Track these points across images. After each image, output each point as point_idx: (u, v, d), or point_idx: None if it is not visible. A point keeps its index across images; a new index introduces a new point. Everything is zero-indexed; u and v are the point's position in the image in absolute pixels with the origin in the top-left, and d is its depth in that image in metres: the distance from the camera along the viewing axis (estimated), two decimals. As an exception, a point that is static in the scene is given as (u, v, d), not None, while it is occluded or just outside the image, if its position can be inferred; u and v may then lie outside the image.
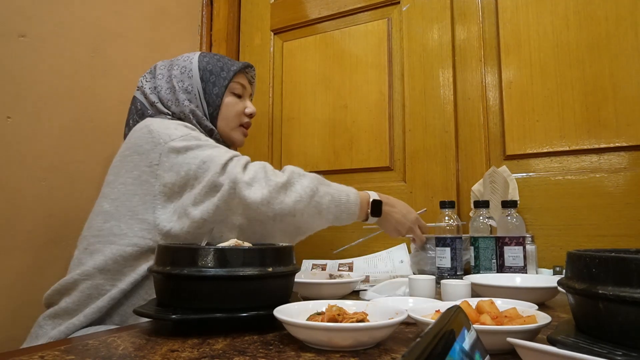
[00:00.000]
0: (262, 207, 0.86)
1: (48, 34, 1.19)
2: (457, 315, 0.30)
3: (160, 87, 1.04)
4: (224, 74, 1.07)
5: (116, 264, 0.87)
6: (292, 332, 0.54)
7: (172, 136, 0.91)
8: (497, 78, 1.34)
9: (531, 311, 0.56)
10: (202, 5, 1.73)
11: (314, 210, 0.92)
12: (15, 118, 1.11)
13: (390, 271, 1.26)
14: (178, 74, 1.05)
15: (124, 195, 0.91)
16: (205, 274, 0.61)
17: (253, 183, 0.87)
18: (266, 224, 0.89)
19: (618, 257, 0.42)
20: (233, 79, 1.09)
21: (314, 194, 0.92)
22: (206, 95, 1.06)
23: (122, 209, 0.90)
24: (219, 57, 1.11)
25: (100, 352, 0.51)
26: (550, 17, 1.27)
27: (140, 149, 0.92)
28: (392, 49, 1.50)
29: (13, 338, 1.04)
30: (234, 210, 0.87)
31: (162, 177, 0.88)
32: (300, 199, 0.89)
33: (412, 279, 0.86)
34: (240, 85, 1.12)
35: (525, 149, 1.27)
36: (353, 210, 1.00)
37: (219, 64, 1.09)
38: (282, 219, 0.89)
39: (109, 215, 0.90)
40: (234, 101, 1.10)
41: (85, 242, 0.93)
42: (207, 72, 1.06)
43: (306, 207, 0.90)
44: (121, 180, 0.92)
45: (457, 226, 1.15)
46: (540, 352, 0.38)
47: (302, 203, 0.90)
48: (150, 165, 0.90)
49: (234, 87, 1.10)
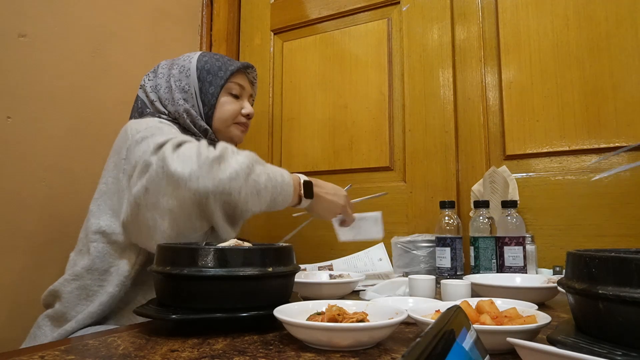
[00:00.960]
0: (192, 183, 0.77)
1: (48, 34, 1.19)
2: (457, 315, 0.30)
3: (160, 86, 1.04)
4: (221, 73, 1.06)
5: (102, 262, 0.88)
6: (292, 332, 0.54)
7: (138, 130, 0.91)
8: (497, 78, 1.34)
9: (531, 311, 0.56)
10: (202, 5, 1.73)
11: (252, 190, 0.82)
12: (15, 118, 1.11)
13: (370, 269, 1.27)
14: (177, 73, 1.05)
15: (105, 195, 0.93)
16: (205, 274, 0.61)
17: (182, 158, 0.79)
18: (200, 207, 0.80)
19: (618, 257, 0.42)
20: (230, 79, 1.08)
21: (251, 171, 0.83)
22: (202, 95, 1.05)
23: (104, 207, 0.92)
24: (219, 57, 1.10)
25: (100, 352, 0.51)
26: (550, 17, 1.27)
27: (116, 148, 0.95)
28: (392, 49, 1.50)
29: (13, 338, 1.04)
30: (164, 191, 0.78)
31: (126, 171, 0.89)
32: (236, 176, 0.80)
33: (412, 279, 0.86)
34: (238, 85, 1.10)
35: (525, 149, 1.27)
36: (288, 192, 0.90)
37: (217, 63, 1.08)
38: (216, 198, 0.79)
39: (94, 216, 0.92)
40: (230, 101, 1.09)
41: (80, 244, 0.95)
42: (205, 72, 1.06)
43: (243, 186, 0.81)
44: (103, 181, 0.95)
45: (457, 226, 1.15)
46: (540, 352, 0.38)
47: (238, 181, 0.80)
48: (120, 161, 0.91)
49: (231, 87, 1.09)
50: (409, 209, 1.40)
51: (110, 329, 0.65)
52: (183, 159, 0.79)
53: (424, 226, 1.36)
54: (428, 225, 1.34)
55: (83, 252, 0.91)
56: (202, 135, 1.05)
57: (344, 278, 0.98)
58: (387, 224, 1.42)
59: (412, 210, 1.39)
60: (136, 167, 0.84)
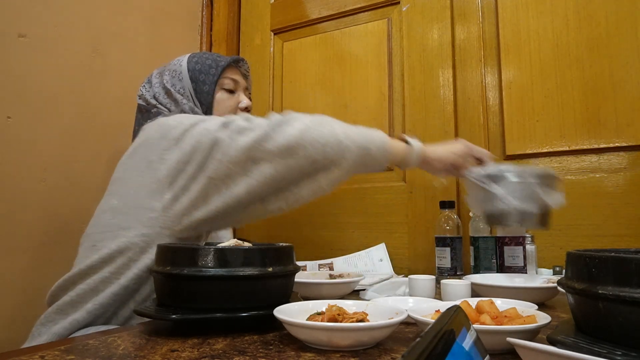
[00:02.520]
0: (263, 142, 0.80)
1: (48, 34, 1.19)
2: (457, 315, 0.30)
3: (158, 94, 1.05)
4: (213, 70, 1.06)
5: (123, 257, 0.85)
6: (292, 332, 0.54)
7: (180, 120, 0.91)
8: (497, 78, 1.34)
9: (531, 311, 0.56)
10: (202, 5, 1.73)
11: (328, 137, 0.82)
12: (15, 118, 1.11)
13: (371, 270, 1.27)
14: (169, 79, 1.05)
15: (132, 189, 0.90)
16: (205, 274, 0.61)
17: (252, 126, 0.82)
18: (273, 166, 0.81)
19: (618, 257, 0.42)
20: (222, 75, 1.08)
21: (323, 121, 0.84)
22: (198, 95, 1.05)
23: (130, 202, 0.89)
24: (208, 55, 1.10)
25: (100, 352, 0.51)
26: (550, 17, 1.27)
27: (148, 140, 0.92)
28: (392, 49, 1.50)
29: (13, 338, 1.04)
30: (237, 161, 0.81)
31: (169, 160, 0.86)
32: (306, 127, 0.81)
33: (412, 279, 0.86)
34: (232, 80, 1.09)
35: (525, 149, 1.27)
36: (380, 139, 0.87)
37: (208, 61, 1.08)
38: (288, 154, 0.80)
39: (116, 211, 0.89)
40: (226, 96, 1.08)
41: (91, 240, 0.91)
42: (197, 72, 1.05)
43: (316, 134, 0.81)
44: (128, 175, 0.92)
45: (457, 226, 1.15)
46: (540, 352, 0.38)
47: (309, 131, 0.81)
48: (158, 152, 0.89)
49: (225, 83, 1.08)
50: (408, 209, 1.40)
51: (111, 329, 0.65)
52: (252, 126, 0.82)
53: (424, 226, 1.36)
54: (428, 225, 1.34)
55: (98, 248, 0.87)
56: None
57: (344, 278, 0.98)
58: (387, 224, 1.43)
59: (412, 210, 1.39)
60: (195, 153, 0.84)
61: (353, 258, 1.33)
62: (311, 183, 0.85)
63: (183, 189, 0.85)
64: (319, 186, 0.85)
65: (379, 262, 1.30)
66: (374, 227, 1.43)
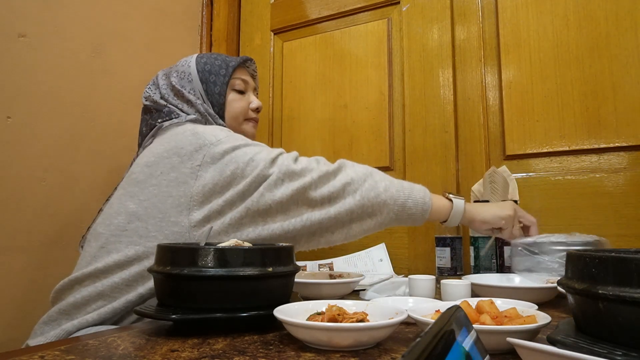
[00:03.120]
0: (309, 190, 0.85)
1: (48, 34, 1.19)
2: (457, 315, 0.30)
3: (167, 95, 1.02)
4: (223, 71, 1.06)
5: (138, 265, 0.83)
6: (292, 332, 0.54)
7: (218, 136, 0.89)
8: (497, 78, 1.34)
9: (531, 311, 0.56)
10: (202, 5, 1.73)
11: (368, 191, 0.86)
12: (15, 118, 1.11)
13: (371, 270, 1.27)
14: (178, 81, 1.03)
15: (155, 197, 0.86)
16: (205, 274, 0.61)
17: (301, 170, 0.86)
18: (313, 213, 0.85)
19: (618, 257, 0.42)
20: (233, 75, 1.08)
21: (367, 174, 0.88)
22: (209, 96, 1.04)
23: (153, 210, 0.86)
24: (217, 56, 1.09)
25: (100, 352, 0.51)
26: (550, 17, 1.27)
27: (182, 151, 0.89)
28: (392, 49, 1.50)
29: (13, 338, 1.04)
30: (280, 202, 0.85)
31: (203, 177, 0.85)
32: (350, 180, 0.86)
33: (412, 279, 0.86)
34: (242, 80, 1.10)
35: (525, 149, 1.27)
36: (421, 197, 0.90)
37: (217, 62, 1.07)
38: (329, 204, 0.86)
39: (134, 216, 0.86)
40: (237, 97, 1.09)
41: (102, 240, 0.88)
42: (207, 73, 1.05)
43: (357, 187, 0.86)
44: (154, 182, 0.88)
45: (457, 226, 1.15)
46: (540, 352, 0.38)
47: (352, 184, 0.86)
48: (192, 166, 0.87)
49: (235, 83, 1.08)
50: (409, 209, 1.39)
51: (111, 329, 0.65)
52: (304, 172, 0.86)
53: (424, 226, 1.35)
54: (428, 225, 1.34)
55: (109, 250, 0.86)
56: None
57: (344, 278, 0.98)
58: (387, 224, 1.43)
59: (412, 210, 1.39)
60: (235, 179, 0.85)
61: (353, 258, 1.33)
62: (344, 231, 0.89)
63: (218, 212, 0.85)
64: (351, 234, 0.89)
65: (379, 262, 1.30)
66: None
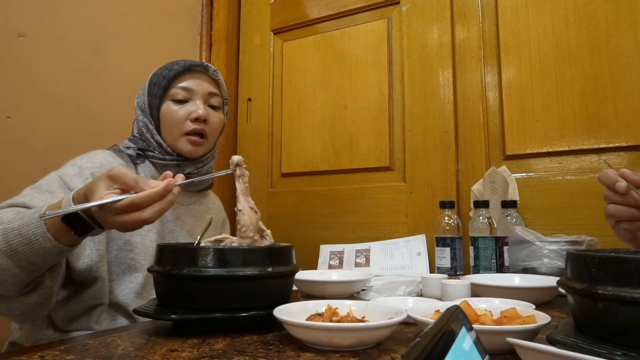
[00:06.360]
0: None
1: (48, 34, 1.19)
2: (457, 315, 0.30)
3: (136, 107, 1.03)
4: (163, 81, 0.98)
5: None
6: (292, 332, 0.54)
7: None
8: (497, 78, 1.34)
9: (530, 311, 0.56)
10: (202, 5, 1.73)
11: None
12: (15, 118, 1.11)
13: (407, 266, 1.24)
14: (141, 95, 1.03)
15: None
16: (205, 274, 0.61)
17: None
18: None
19: (618, 257, 0.42)
20: (173, 84, 0.98)
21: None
22: (150, 110, 1.00)
23: None
24: (170, 65, 1.01)
25: (100, 352, 0.51)
26: (550, 17, 1.27)
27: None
28: (392, 49, 1.50)
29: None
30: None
31: None
32: None
33: (425, 278, 0.89)
34: (183, 89, 0.98)
35: (525, 149, 1.27)
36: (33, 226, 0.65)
37: (164, 72, 0.99)
38: None
39: None
40: (173, 109, 0.98)
41: None
42: (152, 85, 1.00)
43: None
44: None
45: (457, 226, 1.15)
46: (539, 352, 0.38)
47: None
48: None
49: (175, 94, 0.98)
50: (408, 209, 1.40)
51: (110, 329, 0.65)
52: None
53: (424, 226, 1.36)
54: (428, 225, 1.34)
55: None
56: (159, 151, 0.99)
57: (348, 277, 0.99)
58: (386, 224, 1.43)
59: (412, 210, 1.39)
60: None
61: (391, 246, 1.30)
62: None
63: None
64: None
65: (417, 256, 1.23)
66: (374, 227, 1.44)
